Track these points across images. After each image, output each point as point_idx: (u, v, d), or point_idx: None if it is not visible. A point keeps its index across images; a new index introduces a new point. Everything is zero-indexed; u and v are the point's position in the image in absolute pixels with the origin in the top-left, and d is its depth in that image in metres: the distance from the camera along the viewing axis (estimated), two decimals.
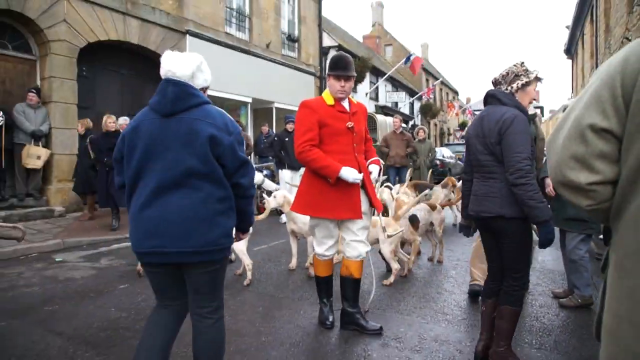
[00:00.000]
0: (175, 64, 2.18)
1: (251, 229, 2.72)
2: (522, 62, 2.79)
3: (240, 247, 4.60)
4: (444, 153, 17.13)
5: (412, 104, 31.74)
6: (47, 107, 8.30)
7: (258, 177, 8.67)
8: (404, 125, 12.40)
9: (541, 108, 40.35)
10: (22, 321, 3.59)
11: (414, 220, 5.10)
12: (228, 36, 12.73)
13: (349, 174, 3.10)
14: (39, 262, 5.47)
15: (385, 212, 7.79)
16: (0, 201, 7.64)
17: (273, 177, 10.43)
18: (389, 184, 7.90)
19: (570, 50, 22.00)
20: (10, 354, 3.03)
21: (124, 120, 9.35)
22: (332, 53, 15.06)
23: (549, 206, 2.97)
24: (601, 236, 3.74)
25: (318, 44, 17.28)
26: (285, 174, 8.94)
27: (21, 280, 4.70)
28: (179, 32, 10.98)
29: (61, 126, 8.42)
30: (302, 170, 3.89)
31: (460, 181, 5.43)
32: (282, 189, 8.23)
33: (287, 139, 8.64)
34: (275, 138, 9.70)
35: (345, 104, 3.33)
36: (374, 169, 3.38)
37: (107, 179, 7.09)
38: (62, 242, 6.26)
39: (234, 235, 2.27)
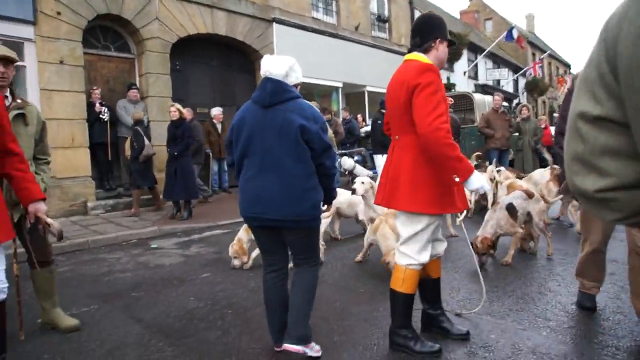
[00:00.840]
0: (272, 65, 2.64)
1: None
2: None
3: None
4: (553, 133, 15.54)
5: (516, 81, 29.36)
6: (145, 102, 8.80)
7: (349, 162, 8.48)
8: (505, 104, 11.40)
9: None
10: (111, 306, 3.76)
11: (511, 210, 4.52)
12: (315, 21, 12.60)
13: (478, 180, 2.52)
14: (136, 248, 5.79)
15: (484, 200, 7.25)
16: (108, 190, 8.30)
17: (365, 162, 10.18)
18: (501, 167, 7.30)
19: None
20: (95, 338, 3.15)
21: (217, 111, 9.70)
22: None
23: None
24: None
25: (410, 23, 16.52)
26: (382, 160, 8.60)
27: (118, 265, 4.99)
28: (265, 20, 11.06)
29: (159, 119, 8.89)
30: None
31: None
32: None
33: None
34: (378, 122, 9.31)
35: None
36: None
37: (171, 170, 7.12)
38: (159, 229, 6.60)
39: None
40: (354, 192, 4.74)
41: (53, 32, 7.52)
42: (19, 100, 3.14)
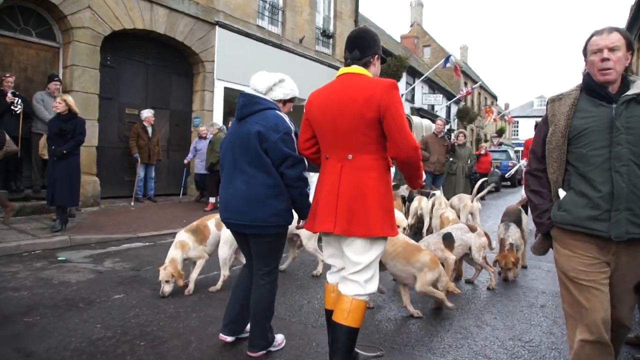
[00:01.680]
0: (256, 80, 2.90)
1: None
2: None
3: (311, 245, 4.77)
4: None
5: (449, 108, 30.65)
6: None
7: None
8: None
9: None
10: None
11: (449, 238, 4.43)
12: (259, 29, 12.28)
13: None
14: (40, 261, 5.08)
15: (420, 224, 7.26)
16: (14, 192, 7.39)
17: None
18: (437, 191, 7.31)
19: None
20: None
21: (148, 113, 9.07)
22: None
23: None
24: None
25: None
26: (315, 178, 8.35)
27: (13, 282, 4.30)
28: (208, 22, 10.59)
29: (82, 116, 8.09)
30: None
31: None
32: None
33: None
34: None
35: None
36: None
37: (56, 171, 6.04)
38: (70, 239, 5.88)
39: (295, 220, 2.92)
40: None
41: None
42: None
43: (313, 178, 8.08)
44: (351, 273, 2.49)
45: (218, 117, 10.92)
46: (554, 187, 2.22)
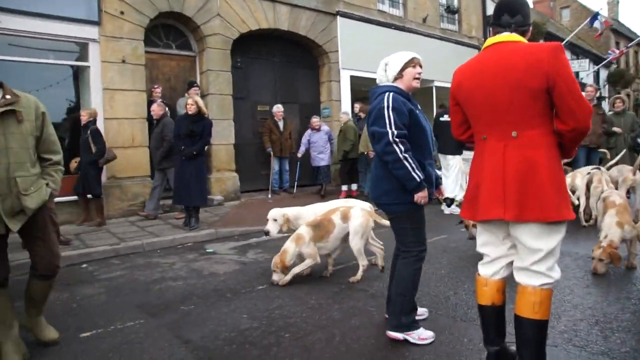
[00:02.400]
0: (377, 75, 3.06)
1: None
2: None
3: (356, 244, 4.07)
4: None
5: (597, 73, 26.89)
6: (205, 100, 8.60)
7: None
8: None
9: None
10: (158, 320, 3.41)
11: None
12: (381, 13, 11.96)
13: None
14: (191, 253, 5.50)
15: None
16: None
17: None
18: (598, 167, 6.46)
19: None
20: None
21: (277, 108, 9.37)
22: None
23: None
24: None
25: (481, 13, 15.39)
26: (454, 161, 7.83)
27: (170, 272, 4.69)
28: (329, 14, 10.59)
29: (219, 117, 8.65)
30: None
31: None
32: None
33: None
34: (441, 119, 8.50)
35: None
36: None
37: (185, 172, 6.16)
38: (216, 232, 6.30)
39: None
40: (267, 233, 4.44)
41: (116, 32, 7.47)
42: (8, 96, 2.65)
43: (450, 161, 7.68)
44: (532, 263, 2.20)
45: (346, 105, 10.88)
46: None
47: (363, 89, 10.42)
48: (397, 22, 12.31)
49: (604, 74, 28.27)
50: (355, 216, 4.12)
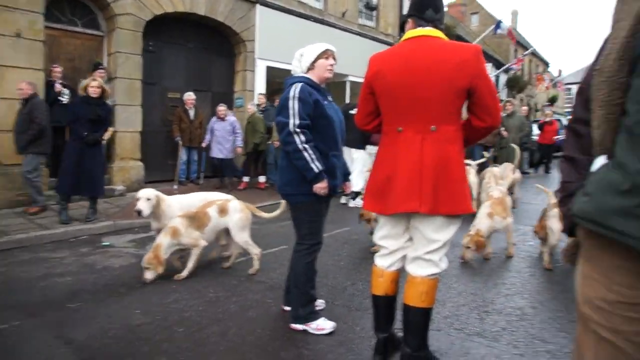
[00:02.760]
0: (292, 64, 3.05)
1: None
2: None
3: (242, 238, 4.07)
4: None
5: (497, 77, 29.08)
6: (112, 84, 8.08)
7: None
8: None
9: None
10: (39, 320, 3.15)
11: None
12: (301, 5, 11.93)
13: None
14: (85, 246, 5.15)
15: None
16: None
17: None
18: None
19: None
20: None
21: (188, 96, 9.02)
22: None
23: None
24: None
25: (398, 11, 15.91)
26: (360, 154, 7.89)
27: (59, 268, 4.35)
28: (248, 1, 10.35)
29: (126, 102, 8.17)
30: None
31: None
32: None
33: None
34: (350, 112, 8.69)
35: None
36: None
37: (85, 160, 5.68)
38: (114, 223, 5.95)
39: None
40: (139, 213, 4.07)
41: (10, 1, 6.73)
42: None
43: (355, 154, 7.82)
44: (427, 252, 2.32)
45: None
46: (597, 152, 1.19)
47: (277, 80, 10.36)
48: (317, 14, 12.37)
49: (503, 78, 30.65)
50: (234, 210, 4.09)
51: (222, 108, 8.98)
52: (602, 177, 1.11)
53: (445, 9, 20.51)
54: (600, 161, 1.16)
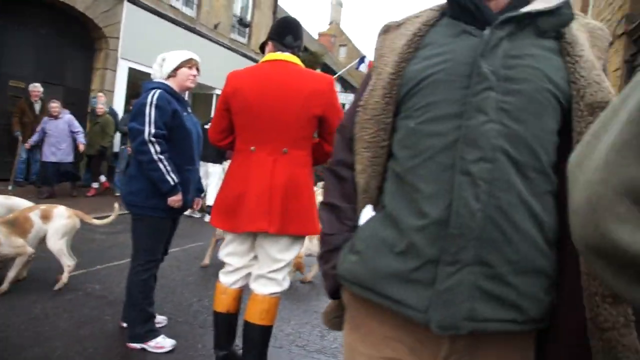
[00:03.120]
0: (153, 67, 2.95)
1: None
2: None
3: (57, 246, 3.72)
4: None
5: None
6: None
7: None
8: None
9: None
10: None
11: None
12: (172, 9, 11.62)
13: None
14: None
15: None
16: None
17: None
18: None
19: None
20: None
21: (33, 87, 8.09)
22: None
23: None
24: None
25: None
26: (216, 169, 7.75)
27: None
28: None
29: None
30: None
31: None
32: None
33: None
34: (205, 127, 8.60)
35: None
36: None
37: None
38: None
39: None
40: None
41: None
42: None
43: (210, 169, 7.74)
44: (270, 271, 2.40)
45: (120, 98, 10.15)
46: (362, 201, 1.05)
47: (139, 83, 9.90)
48: (188, 22, 12.14)
49: None
50: (58, 216, 3.79)
51: (54, 104, 7.68)
52: (373, 234, 0.96)
53: (316, 36, 21.75)
54: (367, 212, 1.02)
